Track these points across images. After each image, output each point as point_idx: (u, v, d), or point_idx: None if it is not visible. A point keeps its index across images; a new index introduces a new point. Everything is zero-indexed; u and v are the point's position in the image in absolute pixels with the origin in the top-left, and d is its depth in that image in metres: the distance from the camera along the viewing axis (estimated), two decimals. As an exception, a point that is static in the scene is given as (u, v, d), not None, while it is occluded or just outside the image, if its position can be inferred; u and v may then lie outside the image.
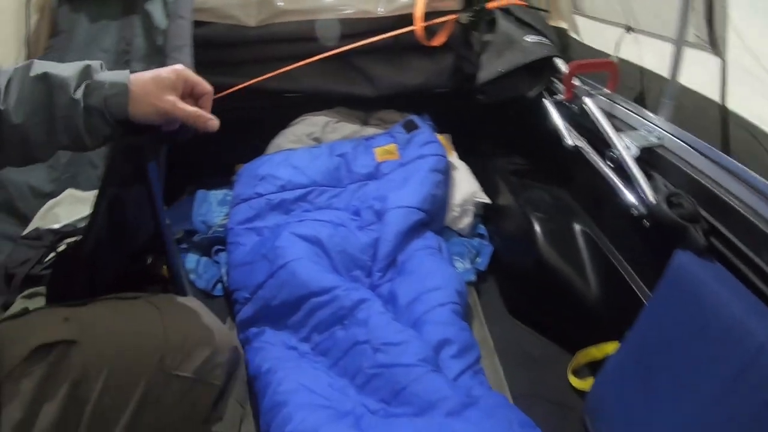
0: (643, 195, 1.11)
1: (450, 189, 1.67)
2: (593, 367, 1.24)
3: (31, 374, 0.70)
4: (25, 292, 1.14)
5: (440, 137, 1.76)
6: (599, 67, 1.40)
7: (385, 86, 1.80)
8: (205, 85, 0.82)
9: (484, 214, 1.73)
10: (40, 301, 1.12)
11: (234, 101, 1.80)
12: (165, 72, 0.77)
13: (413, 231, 1.48)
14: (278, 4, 1.71)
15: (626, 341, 1.08)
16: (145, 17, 1.53)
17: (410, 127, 1.75)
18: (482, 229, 1.70)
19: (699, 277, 0.92)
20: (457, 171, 1.74)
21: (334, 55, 1.71)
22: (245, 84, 1.76)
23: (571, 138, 1.41)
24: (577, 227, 1.40)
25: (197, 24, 1.70)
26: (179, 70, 0.78)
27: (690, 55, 1.19)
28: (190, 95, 0.81)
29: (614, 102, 1.39)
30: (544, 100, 1.52)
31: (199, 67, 1.76)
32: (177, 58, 1.41)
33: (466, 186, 1.70)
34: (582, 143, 1.38)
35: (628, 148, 1.21)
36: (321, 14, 1.72)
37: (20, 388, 0.69)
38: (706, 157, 1.04)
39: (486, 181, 1.74)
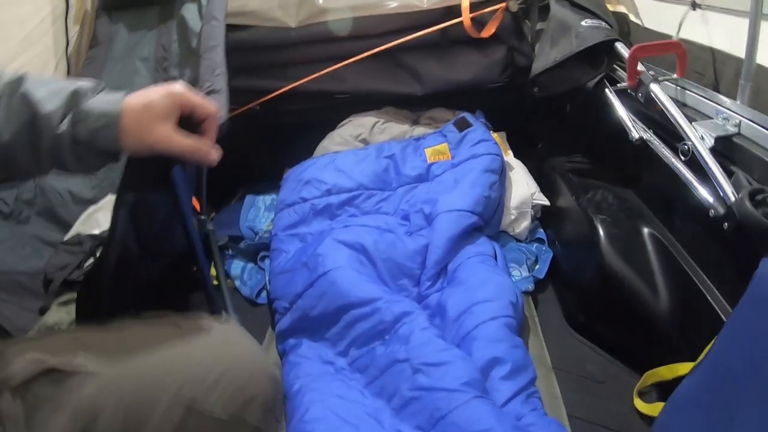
0: (722, 193, 0.97)
1: (506, 190, 1.56)
2: (662, 390, 1.10)
3: (36, 395, 0.67)
4: (62, 299, 1.14)
5: (495, 135, 1.64)
6: (665, 49, 1.25)
7: (433, 83, 1.71)
8: (206, 108, 0.73)
9: (544, 218, 1.60)
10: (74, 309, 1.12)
11: (281, 104, 1.79)
12: (158, 97, 0.69)
13: (465, 236, 1.38)
14: (318, 2, 1.65)
15: (703, 363, 0.93)
16: (181, 23, 1.53)
17: (462, 125, 1.65)
18: (542, 233, 1.57)
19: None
20: (514, 171, 1.63)
21: (378, 52, 1.66)
22: (290, 86, 1.74)
23: (636, 130, 1.26)
24: (646, 231, 1.26)
25: (239, 28, 1.70)
26: (174, 93, 0.70)
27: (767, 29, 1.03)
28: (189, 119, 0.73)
29: (684, 88, 1.23)
30: (606, 90, 1.38)
31: (244, 72, 1.77)
32: (210, 57, 1.38)
33: (523, 187, 1.58)
34: (649, 135, 1.24)
35: (702, 138, 1.07)
36: (363, 11, 1.65)
37: (19, 405, 0.65)
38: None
39: (544, 182, 1.61)
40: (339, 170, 1.59)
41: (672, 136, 1.15)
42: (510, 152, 1.70)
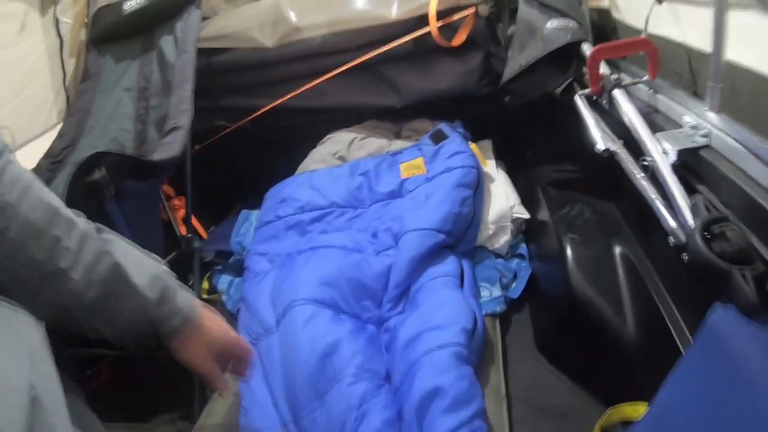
0: (681, 219, 0.86)
1: (483, 203, 1.48)
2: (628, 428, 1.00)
3: None
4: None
5: (473, 146, 1.57)
6: (632, 48, 1.13)
7: (411, 94, 1.65)
8: (243, 363, 0.86)
9: (527, 231, 1.51)
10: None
11: (269, 121, 1.80)
12: (225, 337, 0.82)
13: (430, 256, 1.32)
14: (292, 21, 1.64)
15: (652, 406, 0.83)
16: (159, 54, 1.56)
17: (438, 137, 1.58)
18: (524, 248, 1.48)
19: (743, 346, 0.66)
20: (494, 182, 1.54)
21: (357, 66, 1.63)
22: (274, 104, 1.75)
23: (604, 141, 1.15)
24: (618, 251, 1.15)
25: (222, 51, 1.72)
26: (236, 345, 0.84)
27: (738, 20, 0.90)
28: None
29: (656, 92, 1.12)
30: (575, 96, 1.28)
31: (231, 91, 1.79)
32: (179, 93, 1.42)
33: (502, 200, 1.49)
34: (618, 147, 1.13)
35: (665, 153, 0.96)
36: (336, 26, 1.63)
37: None
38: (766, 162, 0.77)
39: (527, 193, 1.52)
40: (313, 188, 1.57)
41: (637, 148, 1.05)
42: (491, 162, 1.61)
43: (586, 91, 1.20)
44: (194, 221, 1.88)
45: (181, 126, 1.34)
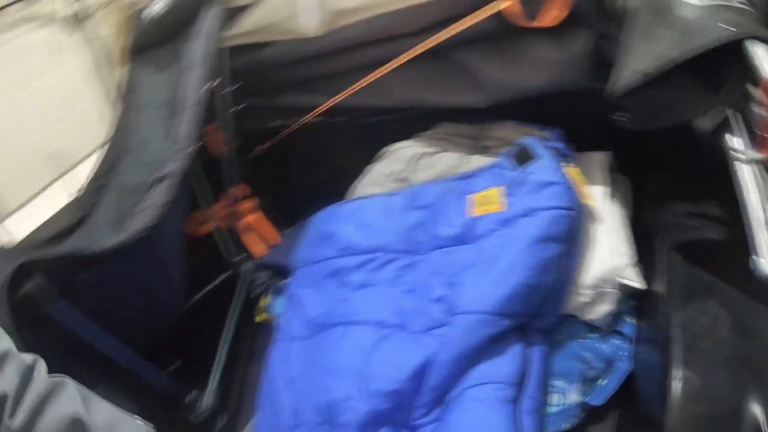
0: None
1: (580, 259, 1.07)
2: None
3: None
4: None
5: (572, 171, 1.12)
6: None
7: (496, 91, 1.23)
8: None
9: (639, 300, 1.07)
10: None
11: (330, 120, 1.52)
12: None
13: (484, 348, 0.99)
14: (338, 3, 1.28)
15: None
16: (180, 66, 1.33)
17: (523, 156, 1.16)
18: (628, 325, 1.05)
19: None
20: (599, 226, 1.11)
21: (422, 53, 1.24)
22: (328, 103, 1.45)
23: None
24: (754, 411, 0.72)
25: (262, 45, 1.44)
26: None
27: None
28: None
29: None
30: (730, 149, 0.78)
31: (280, 89, 1.53)
32: (179, 125, 1.21)
33: (606, 255, 1.06)
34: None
35: None
36: (390, 5, 1.23)
37: None
38: None
39: (643, 245, 1.06)
40: (359, 224, 1.28)
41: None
42: (602, 191, 1.15)
43: (750, 153, 0.71)
44: (265, 226, 1.72)
45: (168, 175, 1.12)
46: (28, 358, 0.65)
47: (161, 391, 1.17)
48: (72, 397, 0.63)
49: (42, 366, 0.65)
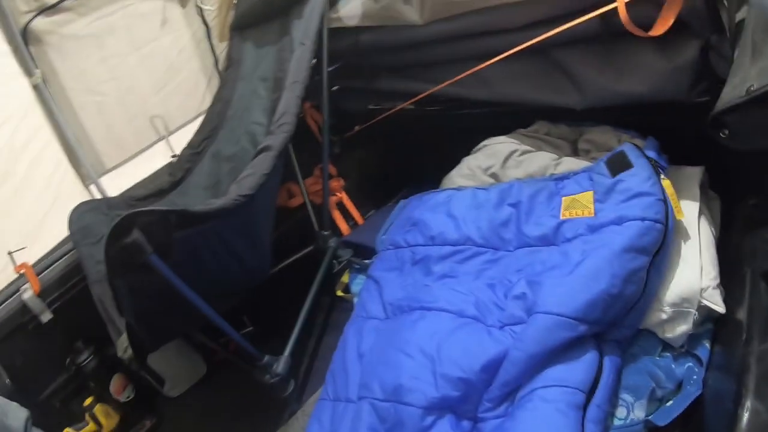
0: None
1: (664, 274, 1.06)
2: None
3: None
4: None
5: (666, 183, 1.11)
6: None
7: (595, 94, 1.23)
8: None
9: (717, 324, 1.05)
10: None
11: (429, 107, 1.54)
12: None
13: (559, 350, 1.01)
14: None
15: None
16: (290, 41, 1.39)
17: (618, 164, 1.15)
18: (704, 349, 1.05)
19: None
20: (686, 244, 1.09)
21: (524, 50, 1.25)
22: (429, 91, 1.48)
23: None
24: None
25: (368, 29, 1.48)
26: None
27: None
28: None
29: None
30: None
31: (383, 73, 1.56)
32: (286, 98, 1.26)
33: (694, 274, 1.06)
34: None
35: None
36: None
37: None
38: None
39: (730, 269, 1.04)
40: (449, 215, 1.32)
41: None
42: (692, 207, 1.13)
43: None
44: (350, 206, 1.79)
45: (271, 147, 1.18)
46: None
47: (238, 350, 1.24)
48: None
49: None
